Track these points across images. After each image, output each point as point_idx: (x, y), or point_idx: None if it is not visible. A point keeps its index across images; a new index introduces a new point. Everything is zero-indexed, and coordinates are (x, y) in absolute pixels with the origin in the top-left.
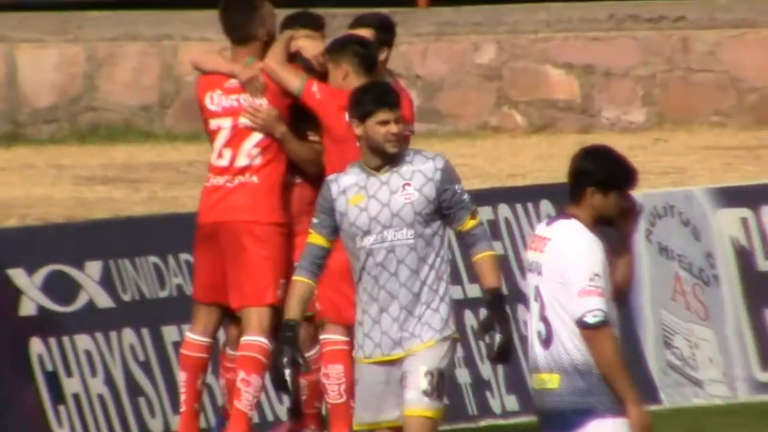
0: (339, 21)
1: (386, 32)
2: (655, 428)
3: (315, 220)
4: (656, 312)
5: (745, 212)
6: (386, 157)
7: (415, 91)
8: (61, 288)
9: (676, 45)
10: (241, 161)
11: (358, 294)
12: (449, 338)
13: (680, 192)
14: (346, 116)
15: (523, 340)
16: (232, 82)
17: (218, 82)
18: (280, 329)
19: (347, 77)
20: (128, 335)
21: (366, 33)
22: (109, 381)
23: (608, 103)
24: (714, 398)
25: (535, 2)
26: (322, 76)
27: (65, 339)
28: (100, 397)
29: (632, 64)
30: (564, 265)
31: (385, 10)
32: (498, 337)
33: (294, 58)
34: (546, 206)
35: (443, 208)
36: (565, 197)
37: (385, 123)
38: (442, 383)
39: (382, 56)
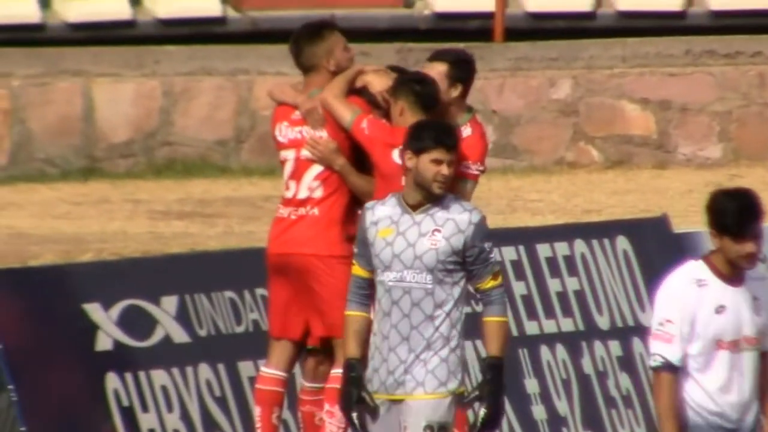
0: (416, 55)
1: (461, 68)
2: None
3: (355, 250)
4: None
5: None
6: (429, 197)
7: (491, 126)
8: (137, 323)
9: (753, 80)
10: (302, 193)
11: (374, 326)
12: (454, 392)
13: None
14: (394, 154)
15: (601, 375)
16: (297, 114)
17: (286, 114)
18: (344, 369)
19: (403, 114)
20: (204, 370)
21: (441, 68)
22: (185, 416)
23: (684, 139)
24: None
25: (611, 37)
26: (387, 112)
27: (141, 374)
28: None
29: (708, 99)
30: None
31: (461, 45)
32: (483, 411)
33: (361, 92)
34: (622, 242)
35: (467, 263)
36: (642, 233)
37: (438, 162)
38: None
39: (455, 93)
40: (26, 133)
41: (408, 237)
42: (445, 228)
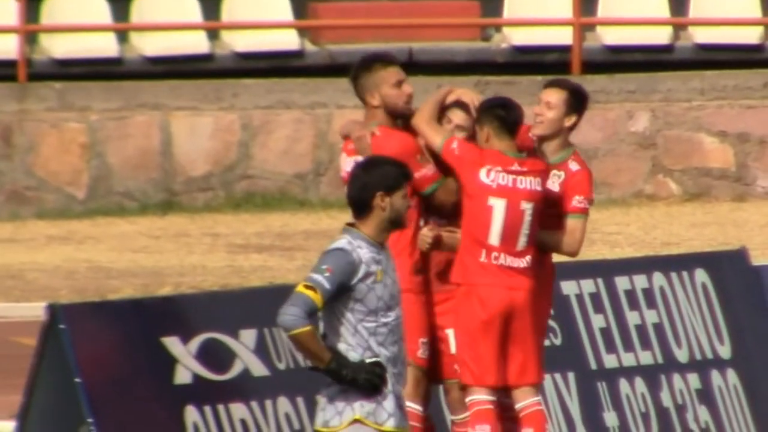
0: (493, 88)
1: (579, 99)
2: None
3: (327, 287)
4: None
5: None
6: (397, 232)
7: None
8: (215, 356)
9: None
10: None
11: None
12: None
13: None
14: (481, 174)
15: (680, 408)
16: (352, 145)
17: (346, 146)
18: (337, 365)
19: (489, 140)
20: (283, 404)
21: (561, 95)
22: None
23: (763, 172)
24: None
25: (689, 70)
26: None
27: (220, 407)
28: None
29: None
30: None
31: (539, 78)
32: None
33: (455, 104)
34: (701, 275)
35: None
36: (720, 266)
37: (406, 196)
38: None
39: (569, 122)
40: (104, 167)
41: (391, 276)
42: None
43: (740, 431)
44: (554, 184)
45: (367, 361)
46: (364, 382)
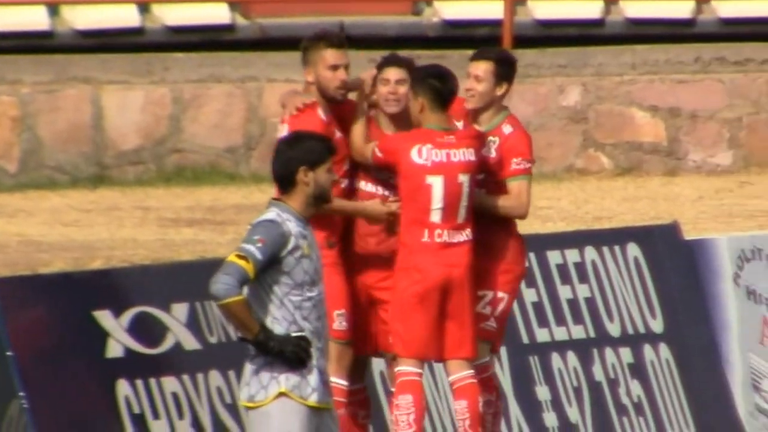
0: (424, 63)
1: (506, 67)
2: None
3: (259, 257)
4: (744, 355)
5: None
6: (320, 209)
7: None
8: (147, 330)
9: (762, 87)
10: None
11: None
12: None
13: (767, 235)
14: (412, 153)
15: (612, 383)
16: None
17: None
18: (264, 338)
19: (423, 111)
20: (215, 377)
21: (487, 66)
22: (196, 423)
23: (694, 146)
24: None
25: (621, 44)
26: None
27: (152, 381)
28: None
29: (718, 106)
30: None
31: (469, 52)
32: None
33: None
34: (633, 249)
35: None
36: (652, 240)
37: (331, 171)
38: None
39: (500, 91)
40: (35, 141)
41: (316, 251)
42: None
43: (672, 405)
44: (491, 150)
45: (293, 334)
46: (291, 354)
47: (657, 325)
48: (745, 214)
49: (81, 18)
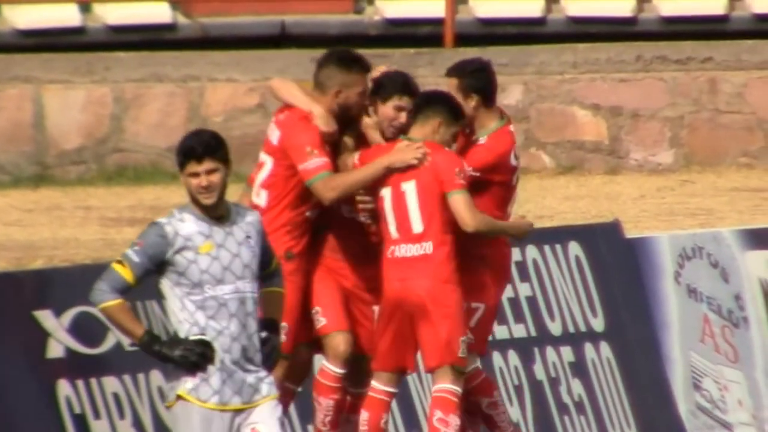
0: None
1: (472, 78)
2: None
3: (136, 260)
4: (685, 354)
5: None
6: (206, 209)
7: None
8: (88, 330)
9: (704, 86)
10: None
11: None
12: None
13: (708, 233)
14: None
15: (554, 381)
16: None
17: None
18: (150, 342)
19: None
20: (156, 377)
21: (452, 83)
22: (137, 423)
23: (636, 145)
24: None
25: (562, 43)
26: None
27: (93, 381)
28: None
29: (660, 105)
30: None
31: (411, 51)
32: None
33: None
34: (574, 248)
35: (262, 256)
36: (594, 239)
37: (195, 175)
38: None
39: (471, 103)
40: None
41: (229, 248)
42: (252, 233)
43: (613, 404)
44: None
45: (192, 337)
46: (179, 358)
47: (598, 324)
48: (687, 212)
49: (22, 17)
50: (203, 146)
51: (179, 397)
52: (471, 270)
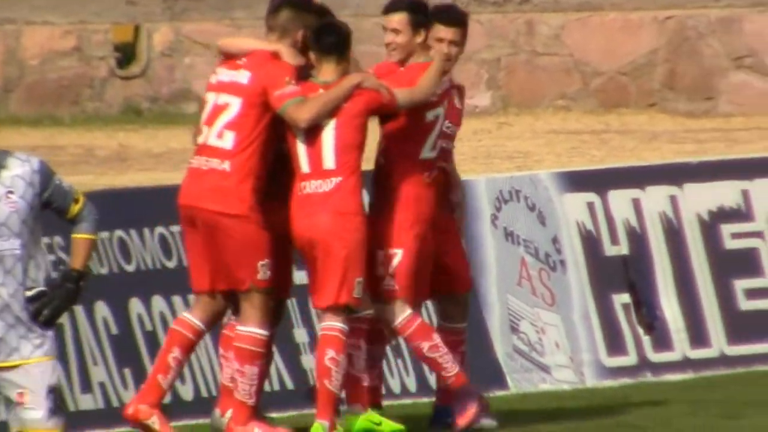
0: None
1: (420, 14)
2: (501, 414)
3: None
4: (502, 297)
5: (591, 197)
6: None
7: None
8: None
9: (521, 28)
10: (212, 141)
11: None
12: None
13: (525, 176)
14: None
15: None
16: (244, 60)
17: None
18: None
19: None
20: None
21: (400, 17)
22: None
23: None
24: (561, 383)
25: None
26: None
27: None
28: None
29: (476, 47)
30: None
31: None
32: (47, 311)
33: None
34: None
35: (51, 205)
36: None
37: None
38: (62, 400)
39: (419, 38)
40: None
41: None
42: (15, 187)
43: None
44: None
45: None
46: None
47: None
48: (504, 155)
49: None
50: None
51: None
52: (387, 214)
